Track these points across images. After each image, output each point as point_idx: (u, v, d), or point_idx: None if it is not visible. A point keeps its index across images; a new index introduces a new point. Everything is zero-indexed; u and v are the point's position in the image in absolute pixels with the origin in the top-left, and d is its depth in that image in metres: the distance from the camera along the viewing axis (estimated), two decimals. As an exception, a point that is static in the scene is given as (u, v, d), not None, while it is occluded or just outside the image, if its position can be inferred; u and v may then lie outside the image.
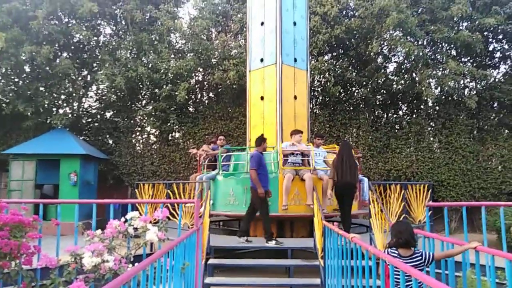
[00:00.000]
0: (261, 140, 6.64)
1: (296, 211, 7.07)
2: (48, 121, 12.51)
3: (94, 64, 13.27)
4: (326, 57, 13.13)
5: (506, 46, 12.62)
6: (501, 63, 12.95)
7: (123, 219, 3.77)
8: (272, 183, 7.03)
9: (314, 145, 7.72)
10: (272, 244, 6.11)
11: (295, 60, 8.65)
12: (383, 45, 12.51)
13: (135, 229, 3.79)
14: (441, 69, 12.06)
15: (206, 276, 5.64)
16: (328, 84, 12.06)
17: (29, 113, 11.66)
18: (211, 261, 5.92)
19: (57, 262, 3.60)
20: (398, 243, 3.09)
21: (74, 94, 12.78)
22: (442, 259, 3.75)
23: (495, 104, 12.72)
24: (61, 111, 12.78)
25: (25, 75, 12.31)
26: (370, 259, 3.13)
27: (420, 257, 3.07)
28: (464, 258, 3.64)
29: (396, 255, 3.05)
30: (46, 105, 12.13)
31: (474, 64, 12.47)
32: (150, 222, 3.83)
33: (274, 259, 6.10)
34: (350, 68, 12.91)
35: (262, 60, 8.69)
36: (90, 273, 3.33)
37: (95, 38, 13.08)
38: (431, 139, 12.58)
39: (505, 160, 11.86)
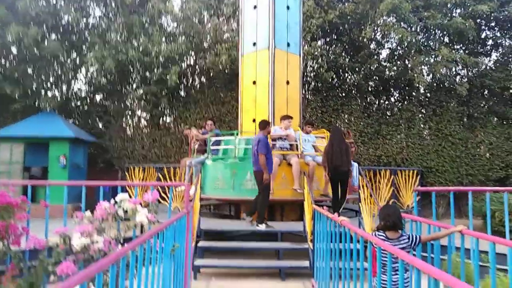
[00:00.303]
0: (265, 124, 6.55)
1: (284, 195, 7.08)
2: (36, 104, 12.30)
3: (84, 47, 12.99)
4: (319, 42, 13.04)
5: (498, 34, 12.66)
6: (493, 50, 13.00)
7: (112, 201, 3.76)
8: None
9: (304, 132, 7.72)
10: (262, 227, 6.16)
11: (288, 44, 8.58)
12: (376, 31, 12.46)
13: (125, 211, 3.79)
14: (433, 56, 12.08)
15: (196, 258, 5.68)
16: (321, 69, 12.01)
17: (16, 96, 11.45)
18: (201, 243, 5.96)
19: (46, 243, 3.59)
20: (385, 226, 3.12)
21: (63, 77, 12.55)
22: (429, 241, 3.81)
23: (486, 92, 12.82)
24: (49, 93, 12.57)
25: (12, 56, 12.03)
26: (358, 242, 3.17)
27: (407, 240, 3.11)
28: (449, 242, 3.71)
29: (383, 237, 3.09)
30: (34, 88, 11.91)
31: (466, 52, 12.51)
32: (140, 204, 3.82)
33: (264, 242, 6.15)
34: (343, 54, 12.86)
35: (254, 44, 8.60)
36: (79, 254, 3.33)
37: (84, 20, 12.78)
38: (422, 125, 12.68)
39: (493, 148, 12.03)
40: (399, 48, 12.68)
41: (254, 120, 8.43)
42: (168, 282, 3.38)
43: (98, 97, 13.56)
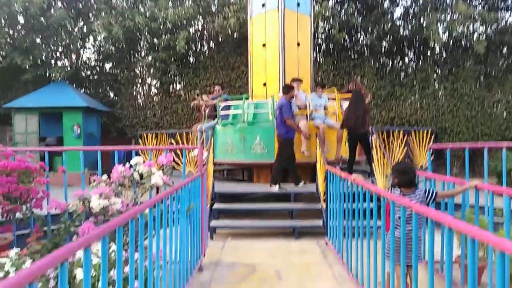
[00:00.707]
0: (288, 88, 6.54)
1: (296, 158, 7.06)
2: (47, 74, 12.35)
3: (90, 14, 12.83)
4: (330, 2, 12.57)
5: (520, -14, 12.01)
6: (514, 4, 12.38)
7: (127, 164, 3.82)
8: (267, 131, 7.05)
9: (316, 95, 7.56)
10: (275, 188, 6.23)
11: (298, 4, 8.30)
12: (390, -12, 11.93)
13: (140, 174, 3.86)
14: (450, 13, 11.57)
15: (212, 219, 5.83)
16: (332, 30, 11.66)
17: (27, 66, 11.48)
18: (216, 205, 6.10)
19: (66, 206, 3.71)
20: (401, 182, 3.10)
21: (71, 46, 12.47)
22: (445, 197, 3.80)
23: (504, 50, 12.33)
24: (59, 63, 12.57)
25: (19, 27, 11.96)
26: (371, 201, 3.19)
27: (423, 194, 3.08)
28: (463, 199, 3.70)
29: (398, 193, 3.08)
30: (43, 58, 11.91)
31: (486, 7, 11.93)
32: (155, 167, 3.88)
33: (277, 203, 6.25)
34: (355, 14, 12.41)
35: (263, 5, 8.34)
36: (99, 215, 3.44)
37: (90, -15, 12.54)
38: (437, 86, 12.37)
39: (510, 106, 11.74)
40: (414, 5, 12.17)
41: (264, 84, 8.33)
42: (185, 241, 3.49)
43: (107, 66, 13.53)
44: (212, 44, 13.43)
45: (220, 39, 12.88)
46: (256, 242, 5.46)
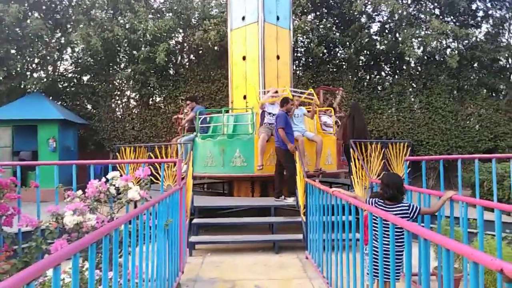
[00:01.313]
0: (283, 101, 6.57)
1: (273, 171, 7.05)
2: (22, 86, 12.02)
3: (68, 25, 12.64)
4: (309, 17, 12.84)
5: (489, 5, 12.59)
6: (483, 22, 12.95)
7: (104, 179, 3.73)
8: (247, 144, 7.04)
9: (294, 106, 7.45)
10: (290, 200, 6.22)
11: (278, 18, 8.43)
12: (367, 4, 12.28)
13: (117, 189, 3.77)
14: (424, 28, 11.99)
15: (191, 235, 5.73)
16: (312, 44, 11.87)
17: (1, 78, 11.16)
18: (196, 220, 6.00)
19: (38, 223, 3.57)
20: (389, 195, 3.06)
21: (48, 57, 12.21)
22: (427, 214, 3.84)
23: (476, 64, 12.84)
24: (35, 75, 12.27)
25: (-7, 36, 11.66)
26: (350, 214, 3.20)
27: (406, 208, 3.07)
28: (439, 211, 3.78)
29: (381, 204, 3.09)
30: (18, 69, 11.61)
31: (457, 24, 12.44)
32: (132, 182, 3.80)
33: (258, 217, 6.21)
34: (333, 28, 12.71)
35: (243, 18, 8.43)
36: (73, 232, 3.33)
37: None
38: (412, 99, 12.73)
39: (482, 119, 12.16)
40: (390, 21, 12.56)
41: (245, 97, 8.36)
42: (163, 258, 3.41)
43: (85, 78, 13.29)
44: (192, 57, 13.45)
45: (200, 52, 12.91)
46: (236, 257, 5.39)
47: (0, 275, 2.94)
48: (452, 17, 12.78)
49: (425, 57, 12.70)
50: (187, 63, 13.39)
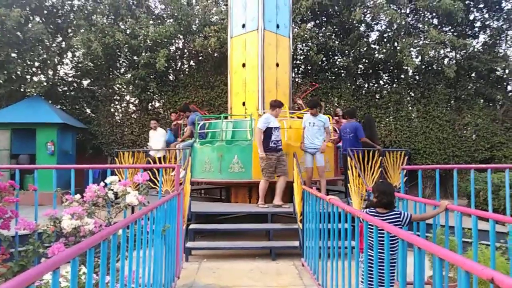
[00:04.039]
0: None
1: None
2: (22, 89, 12.06)
3: (69, 30, 12.71)
4: (309, 25, 12.95)
5: (486, 15, 12.72)
6: (481, 32, 13.07)
7: (102, 183, 3.76)
8: (245, 150, 7.08)
9: (310, 114, 7.13)
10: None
11: (278, 26, 8.51)
12: (366, 13, 12.41)
13: (115, 193, 3.79)
14: (422, 38, 12.11)
15: (188, 240, 5.74)
16: (311, 52, 11.96)
17: (1, 81, 11.20)
18: (192, 226, 6.01)
19: (35, 226, 3.59)
20: (381, 203, 3.11)
21: (48, 61, 12.24)
22: (419, 221, 3.89)
23: (473, 74, 12.94)
24: (35, 78, 12.31)
25: (-6, 40, 11.72)
26: (347, 222, 3.23)
27: (398, 216, 3.12)
28: (434, 220, 3.81)
29: (374, 213, 3.13)
30: (19, 73, 11.65)
31: (455, 34, 12.56)
32: (130, 186, 3.83)
33: (254, 223, 6.22)
34: (333, 37, 12.81)
35: (244, 26, 8.51)
36: (70, 236, 3.34)
37: (69, 1, 12.47)
38: (410, 108, 12.80)
39: (479, 129, 12.23)
40: (388, 30, 12.67)
41: (243, 104, 8.41)
42: (159, 263, 3.42)
43: (85, 82, 13.34)
44: (192, 63, 13.51)
45: (200, 58, 12.98)
46: (233, 264, 5.40)
47: (-3, 278, 2.95)
48: (450, 27, 12.90)
49: (423, 67, 12.80)
50: (187, 69, 13.45)
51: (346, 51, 12.67)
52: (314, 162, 6.81)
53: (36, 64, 12.42)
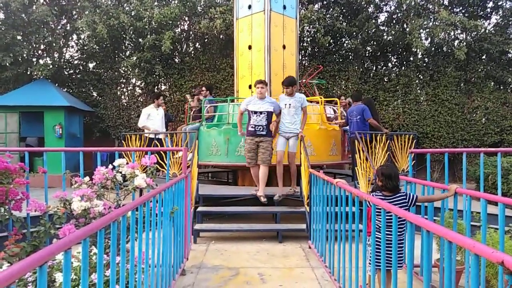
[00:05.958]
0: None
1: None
2: (28, 72, 12.07)
3: (74, 12, 12.62)
4: (316, 6, 12.71)
5: (499, -4, 12.38)
6: (493, 13, 12.75)
7: (110, 166, 3.78)
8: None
9: (286, 94, 6.40)
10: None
11: (284, 7, 8.35)
12: (375, -7, 12.13)
13: (123, 176, 3.82)
14: (432, 19, 11.84)
15: (196, 223, 5.80)
16: (318, 34, 11.77)
17: (7, 64, 11.20)
18: (200, 208, 6.06)
19: (46, 208, 3.63)
20: (386, 186, 3.13)
21: (54, 44, 12.22)
22: (425, 202, 3.89)
23: (484, 56, 12.68)
24: (41, 61, 12.30)
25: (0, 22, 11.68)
26: (354, 205, 3.23)
27: (404, 197, 3.13)
28: (443, 203, 3.80)
29: (380, 196, 3.13)
30: (25, 55, 11.65)
31: (466, 15, 12.26)
32: (138, 169, 3.85)
33: (261, 206, 6.26)
34: (340, 18, 12.58)
35: (250, 7, 8.36)
36: (80, 218, 3.39)
37: (73, -18, 12.34)
38: (419, 91, 12.63)
39: (489, 112, 12.07)
40: (397, 11, 12.40)
41: (250, 87, 8.35)
42: (168, 245, 3.47)
43: (91, 65, 13.31)
44: (198, 45, 13.39)
45: (206, 40, 12.85)
46: (240, 245, 5.46)
47: (10, 258, 3.01)
48: (461, 8, 12.58)
49: (433, 49, 12.57)
50: (193, 52, 13.35)
51: (354, 33, 12.45)
52: (287, 147, 6.17)
53: (42, 46, 12.40)
